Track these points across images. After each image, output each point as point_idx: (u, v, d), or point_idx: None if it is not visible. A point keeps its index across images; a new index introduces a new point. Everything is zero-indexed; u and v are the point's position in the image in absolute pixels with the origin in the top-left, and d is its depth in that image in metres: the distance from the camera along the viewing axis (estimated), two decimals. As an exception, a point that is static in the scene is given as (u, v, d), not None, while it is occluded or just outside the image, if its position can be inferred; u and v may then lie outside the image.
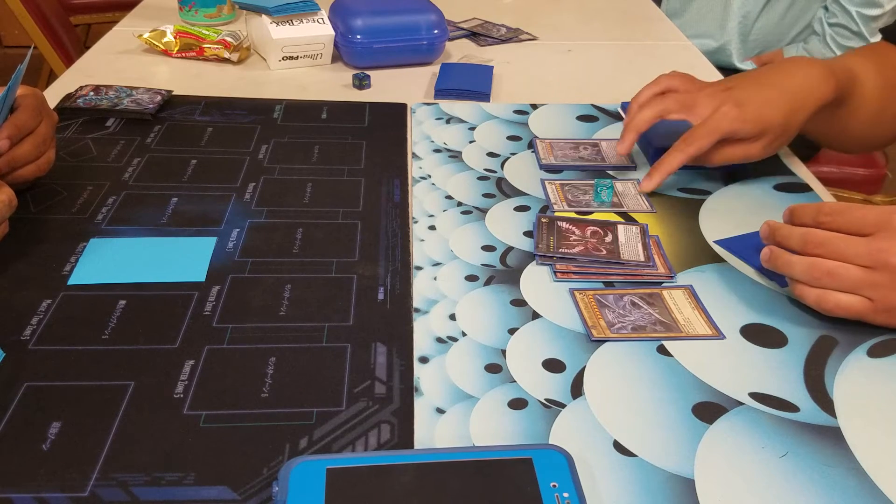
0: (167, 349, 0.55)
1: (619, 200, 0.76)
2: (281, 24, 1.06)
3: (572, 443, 0.49)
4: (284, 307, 0.60)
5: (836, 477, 0.47)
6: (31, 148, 0.69)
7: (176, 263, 0.65)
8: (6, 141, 0.67)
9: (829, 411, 0.52)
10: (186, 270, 0.64)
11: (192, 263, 0.65)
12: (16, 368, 0.53)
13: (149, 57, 1.11)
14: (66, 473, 0.46)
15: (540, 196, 0.77)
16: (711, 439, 0.50)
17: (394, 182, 0.79)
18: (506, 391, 0.53)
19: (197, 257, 0.65)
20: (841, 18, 1.44)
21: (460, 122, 0.93)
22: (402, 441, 0.49)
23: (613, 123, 0.94)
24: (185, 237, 0.68)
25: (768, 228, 0.63)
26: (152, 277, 0.62)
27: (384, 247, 0.68)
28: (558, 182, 0.79)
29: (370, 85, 1.03)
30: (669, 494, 0.46)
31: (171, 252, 0.66)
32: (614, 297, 0.62)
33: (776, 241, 0.62)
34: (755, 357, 0.57)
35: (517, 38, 1.23)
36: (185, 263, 0.65)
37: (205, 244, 0.67)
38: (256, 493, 0.45)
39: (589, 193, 0.77)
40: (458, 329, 0.59)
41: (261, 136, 0.88)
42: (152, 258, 0.65)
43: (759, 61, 1.56)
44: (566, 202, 0.75)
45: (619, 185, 0.79)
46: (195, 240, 0.68)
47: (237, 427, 0.49)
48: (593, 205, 0.75)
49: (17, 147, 0.68)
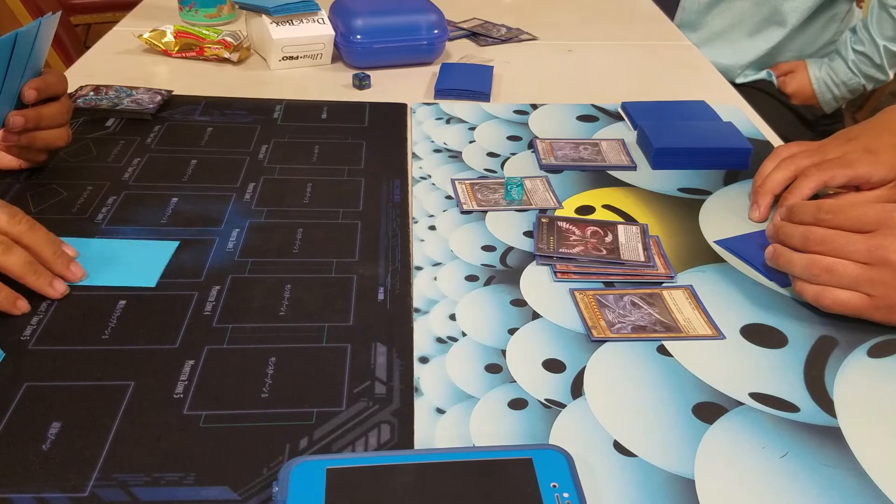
0: (167, 349, 0.55)
1: (528, 198, 0.76)
2: (281, 24, 1.06)
3: (572, 443, 0.49)
4: (284, 307, 0.60)
5: (836, 477, 0.47)
6: (56, 112, 0.71)
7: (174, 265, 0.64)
8: (34, 91, 0.68)
9: (829, 411, 0.52)
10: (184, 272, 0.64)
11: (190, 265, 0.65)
12: (16, 368, 0.53)
13: (149, 57, 1.11)
14: (66, 473, 0.45)
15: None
16: (711, 439, 0.50)
17: (394, 182, 0.79)
18: (506, 391, 0.53)
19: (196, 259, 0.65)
20: (867, 48, 1.44)
21: (460, 122, 0.93)
22: (402, 441, 0.49)
23: (613, 123, 0.94)
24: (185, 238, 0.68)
25: (773, 228, 0.63)
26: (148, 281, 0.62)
27: (384, 247, 0.68)
28: (468, 182, 0.79)
29: (370, 85, 1.03)
30: (669, 494, 0.46)
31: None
32: (614, 297, 0.62)
33: (779, 240, 0.62)
34: (755, 357, 0.57)
35: (517, 38, 1.23)
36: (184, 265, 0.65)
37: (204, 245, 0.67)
38: (256, 493, 0.45)
39: (499, 192, 0.77)
40: (458, 329, 0.59)
41: (261, 136, 0.88)
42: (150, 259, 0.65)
43: (779, 71, 1.54)
44: (476, 201, 0.75)
45: (528, 182, 0.79)
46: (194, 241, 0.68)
47: (237, 427, 0.49)
48: (503, 203, 0.75)
49: (44, 106, 0.70)
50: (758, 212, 0.74)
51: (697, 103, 0.97)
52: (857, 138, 0.75)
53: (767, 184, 0.75)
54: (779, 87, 1.54)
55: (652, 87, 1.07)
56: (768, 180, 0.75)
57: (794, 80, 1.52)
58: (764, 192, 0.75)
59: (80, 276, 0.62)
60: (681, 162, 0.84)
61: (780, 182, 0.74)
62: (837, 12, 1.51)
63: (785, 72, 1.54)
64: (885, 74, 1.47)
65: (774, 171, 0.75)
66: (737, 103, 1.01)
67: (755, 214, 0.74)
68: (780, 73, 1.54)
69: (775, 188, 0.74)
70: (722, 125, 0.90)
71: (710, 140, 0.85)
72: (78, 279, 0.61)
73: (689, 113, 0.94)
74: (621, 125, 0.94)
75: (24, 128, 0.70)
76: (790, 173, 0.74)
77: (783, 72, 1.54)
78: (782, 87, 1.54)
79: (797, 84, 1.52)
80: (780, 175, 0.74)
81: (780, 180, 0.74)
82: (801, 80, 1.52)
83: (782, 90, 1.54)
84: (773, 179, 0.74)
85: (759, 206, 0.74)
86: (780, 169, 0.75)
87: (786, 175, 0.74)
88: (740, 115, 0.96)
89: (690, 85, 1.08)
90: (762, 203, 0.74)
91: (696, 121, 0.92)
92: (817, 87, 1.50)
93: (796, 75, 1.52)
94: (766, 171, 0.76)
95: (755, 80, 1.56)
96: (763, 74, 1.55)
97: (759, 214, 0.74)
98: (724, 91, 1.08)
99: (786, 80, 1.53)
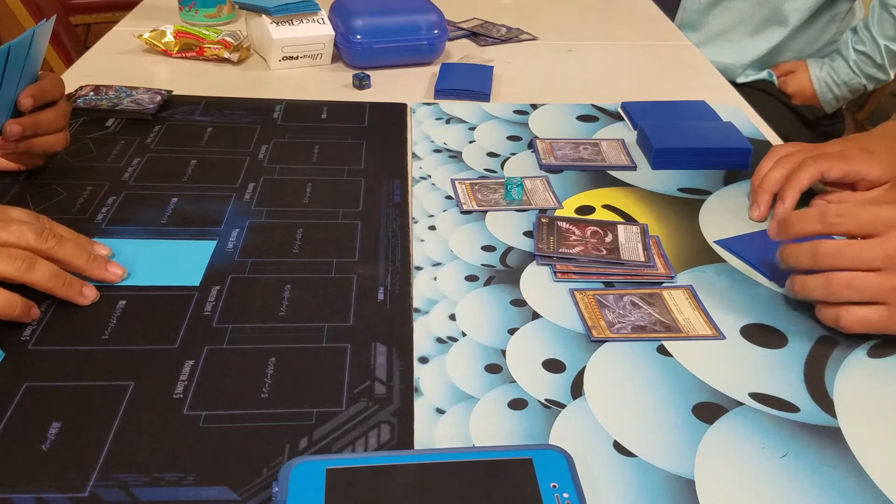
0: (167, 349, 0.55)
1: (528, 198, 0.76)
2: (281, 24, 1.06)
3: (572, 443, 0.49)
4: (284, 307, 0.60)
5: (836, 477, 0.47)
6: (53, 117, 0.71)
7: (172, 267, 0.64)
8: (30, 99, 0.68)
9: (829, 411, 0.52)
10: (182, 274, 0.63)
11: (189, 267, 0.65)
12: (16, 368, 0.53)
13: (149, 57, 1.11)
14: (66, 474, 0.45)
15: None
16: (711, 439, 0.50)
17: (394, 182, 0.79)
18: (506, 391, 0.53)
19: (195, 261, 0.65)
20: (868, 48, 1.44)
21: (460, 122, 0.93)
22: (402, 441, 0.49)
23: (613, 123, 0.94)
24: (185, 240, 0.68)
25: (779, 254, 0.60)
26: (148, 281, 0.62)
27: (384, 247, 0.68)
28: (468, 182, 0.79)
29: (370, 85, 1.03)
30: (669, 495, 0.46)
31: (169, 255, 0.66)
32: (614, 297, 0.62)
33: (788, 264, 0.59)
34: (755, 357, 0.57)
35: (517, 38, 1.23)
36: (182, 267, 0.65)
37: (204, 248, 0.67)
38: (256, 494, 0.45)
39: (499, 192, 0.77)
40: (458, 329, 0.59)
41: (261, 136, 0.88)
42: (149, 260, 0.65)
43: (780, 71, 1.54)
44: (476, 201, 0.75)
45: (528, 182, 0.79)
46: (194, 243, 0.68)
47: (237, 427, 0.49)
48: (503, 203, 0.75)
49: (41, 112, 0.70)
50: (758, 210, 0.74)
51: (697, 103, 0.97)
52: (854, 140, 0.75)
53: (766, 182, 0.75)
54: (779, 87, 1.54)
55: (652, 87, 1.07)
56: (767, 179, 0.75)
57: (795, 80, 1.52)
58: (763, 190, 0.75)
59: (122, 275, 0.61)
60: (681, 162, 0.84)
61: (779, 180, 0.74)
62: (838, 12, 1.51)
63: (786, 72, 1.54)
64: (886, 74, 1.47)
65: (772, 170, 0.75)
66: (737, 103, 1.01)
67: (755, 213, 0.74)
68: (781, 74, 1.54)
69: (774, 186, 0.74)
70: (722, 125, 0.90)
71: (710, 140, 0.85)
72: (119, 279, 0.61)
73: (689, 113, 0.94)
74: (621, 125, 0.94)
75: (22, 135, 0.70)
76: (788, 171, 0.74)
77: (784, 72, 1.54)
78: (783, 87, 1.54)
79: (798, 84, 1.52)
80: (778, 173, 0.74)
81: (779, 178, 0.74)
82: (801, 80, 1.52)
83: (783, 90, 1.54)
84: (772, 178, 0.74)
85: (758, 204, 0.74)
86: (778, 167, 0.75)
87: (783, 173, 0.74)
88: (740, 115, 0.96)
89: (690, 85, 1.08)
90: (762, 202, 0.74)
91: (696, 121, 0.92)
92: (818, 87, 1.50)
93: (797, 75, 1.52)
94: (764, 170, 0.76)
95: (756, 79, 1.55)
96: (764, 74, 1.55)
97: (760, 213, 0.74)
98: (724, 91, 1.08)
99: (786, 81, 1.53)
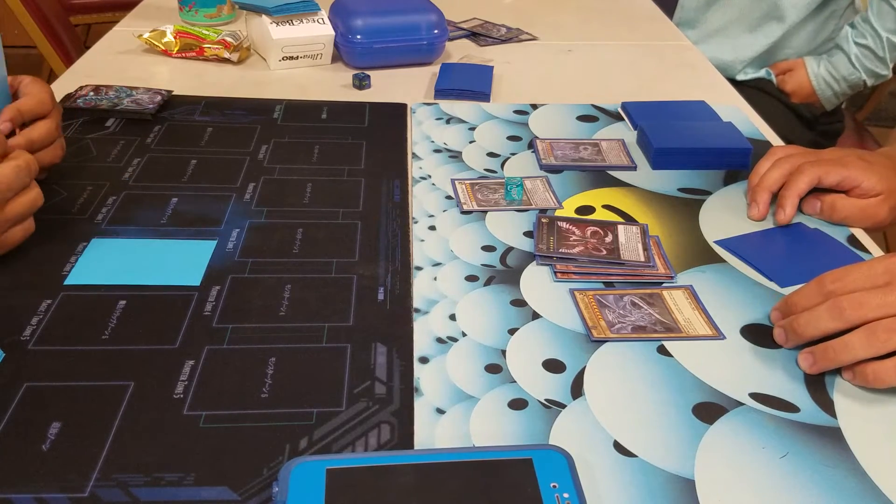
0: (167, 349, 0.55)
1: (528, 198, 0.76)
2: (281, 24, 1.06)
3: (572, 443, 0.49)
4: (284, 307, 0.60)
5: (836, 477, 0.47)
6: (44, 132, 0.70)
7: (173, 266, 0.64)
8: (7, 123, 0.67)
9: (829, 411, 0.52)
10: (182, 274, 0.64)
11: (189, 267, 0.65)
12: (16, 368, 0.53)
13: (149, 57, 1.11)
14: (66, 474, 0.45)
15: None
16: (711, 439, 0.50)
17: (394, 182, 0.79)
18: (506, 391, 0.53)
19: (195, 261, 0.65)
20: (870, 41, 1.44)
21: (460, 122, 0.93)
22: (402, 441, 0.49)
23: (613, 123, 0.94)
24: (184, 240, 0.68)
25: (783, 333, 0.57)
26: (148, 280, 0.62)
27: (384, 247, 0.68)
28: (468, 182, 0.79)
29: (370, 85, 1.03)
30: (669, 495, 0.46)
31: (169, 255, 0.66)
32: (614, 297, 0.62)
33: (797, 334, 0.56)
34: (755, 357, 0.57)
35: (517, 38, 1.23)
36: (182, 267, 0.65)
37: (203, 247, 0.67)
38: (256, 494, 0.45)
39: (499, 192, 0.77)
40: (458, 329, 0.59)
41: (261, 136, 0.88)
42: (150, 260, 0.65)
43: (778, 69, 1.54)
44: (476, 201, 0.75)
45: (528, 182, 0.79)
46: (194, 243, 0.68)
47: (237, 427, 0.49)
48: (503, 203, 0.75)
49: (30, 129, 0.69)
50: (757, 209, 0.74)
51: (697, 103, 0.97)
52: (852, 150, 0.75)
53: (764, 181, 0.75)
54: (778, 85, 1.54)
55: (652, 87, 1.07)
56: (765, 178, 0.75)
57: (793, 78, 1.52)
58: (761, 189, 0.75)
59: None
60: (681, 162, 0.84)
61: (777, 180, 0.74)
62: (836, 9, 1.51)
63: (783, 70, 1.54)
64: (886, 68, 1.47)
65: (771, 170, 0.75)
66: (737, 103, 1.01)
67: (754, 212, 0.74)
68: (779, 72, 1.54)
69: (772, 185, 0.74)
70: (722, 125, 0.90)
71: (710, 140, 0.85)
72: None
73: (688, 113, 0.94)
74: (621, 125, 0.94)
75: None
76: (786, 171, 0.74)
77: (782, 70, 1.54)
78: (781, 85, 1.54)
79: (796, 82, 1.52)
80: (776, 173, 0.74)
81: (777, 178, 0.74)
82: (799, 77, 1.52)
83: (781, 89, 1.54)
84: (770, 177, 0.75)
85: (757, 203, 0.74)
86: (776, 167, 0.75)
87: (781, 173, 0.74)
88: (740, 114, 0.96)
89: (690, 85, 1.08)
90: (760, 200, 0.74)
91: (695, 121, 0.92)
92: (816, 84, 1.50)
93: (795, 73, 1.52)
94: (762, 171, 0.76)
95: (755, 78, 1.55)
96: (762, 73, 1.55)
97: (759, 212, 0.74)
98: (723, 91, 1.08)
99: (785, 79, 1.53)
